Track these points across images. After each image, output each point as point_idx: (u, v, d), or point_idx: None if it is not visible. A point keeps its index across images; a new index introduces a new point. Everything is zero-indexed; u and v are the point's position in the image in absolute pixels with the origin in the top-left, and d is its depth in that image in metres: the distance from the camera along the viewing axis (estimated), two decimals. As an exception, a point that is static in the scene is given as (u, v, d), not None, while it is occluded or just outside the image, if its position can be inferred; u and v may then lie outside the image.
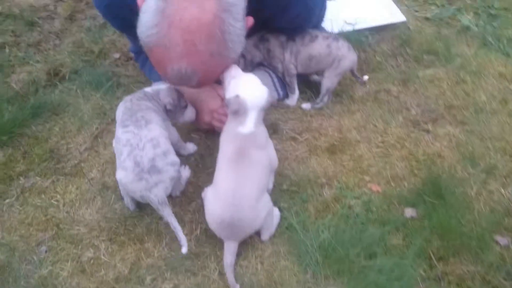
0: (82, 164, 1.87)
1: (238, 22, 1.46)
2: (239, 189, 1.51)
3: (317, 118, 2.05)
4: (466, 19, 2.64)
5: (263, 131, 1.65)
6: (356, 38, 2.45)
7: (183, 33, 1.40)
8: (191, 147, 1.90)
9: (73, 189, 1.79)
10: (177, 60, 1.45)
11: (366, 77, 2.19)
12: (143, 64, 2.19)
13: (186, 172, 1.80)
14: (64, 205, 1.74)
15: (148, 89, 1.77)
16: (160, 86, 1.79)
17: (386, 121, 2.03)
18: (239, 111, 1.56)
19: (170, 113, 1.76)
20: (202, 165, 1.85)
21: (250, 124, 1.58)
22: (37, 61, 2.35)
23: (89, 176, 1.83)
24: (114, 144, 1.69)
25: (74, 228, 1.68)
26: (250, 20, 1.57)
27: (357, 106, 2.13)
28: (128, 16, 1.71)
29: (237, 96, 1.57)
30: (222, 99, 1.86)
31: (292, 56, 2.01)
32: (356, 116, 2.07)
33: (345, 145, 1.92)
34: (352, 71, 2.10)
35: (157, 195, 1.55)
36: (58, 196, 1.77)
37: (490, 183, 1.75)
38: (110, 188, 1.77)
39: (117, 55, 2.39)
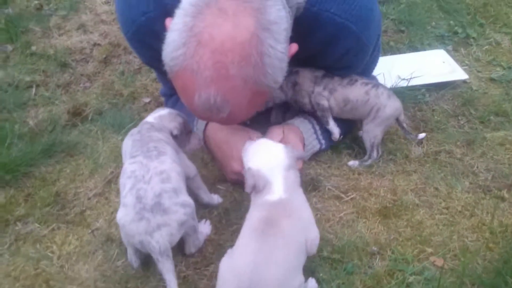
0: (88, 212, 1.62)
1: (280, 44, 1.22)
2: (260, 268, 1.18)
3: (366, 176, 1.75)
4: (539, 80, 2.33)
5: (299, 196, 1.35)
6: (411, 95, 2.19)
7: (213, 54, 1.17)
8: (215, 198, 1.62)
9: (73, 239, 1.53)
10: (206, 87, 1.20)
11: (422, 135, 1.92)
12: (172, 108, 1.97)
13: (206, 228, 1.50)
14: (59, 258, 1.47)
15: (150, 119, 1.53)
16: (161, 112, 1.56)
17: (450, 185, 1.71)
18: (259, 184, 1.30)
19: (176, 140, 1.50)
20: (226, 221, 1.56)
21: (278, 189, 1.30)
22: (63, 101, 2.18)
23: (93, 226, 1.57)
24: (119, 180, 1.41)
25: (66, 286, 1.38)
26: (294, 47, 1.33)
27: (413, 167, 1.82)
28: (155, 45, 1.52)
29: (249, 169, 1.31)
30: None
31: (325, 91, 1.75)
32: (413, 177, 1.76)
33: (401, 208, 1.59)
34: (399, 123, 1.83)
35: (159, 241, 1.24)
36: (55, 247, 1.51)
37: None
38: (115, 241, 1.50)
39: (147, 100, 2.20)
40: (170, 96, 1.95)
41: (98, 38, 2.63)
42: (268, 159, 1.36)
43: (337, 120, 1.80)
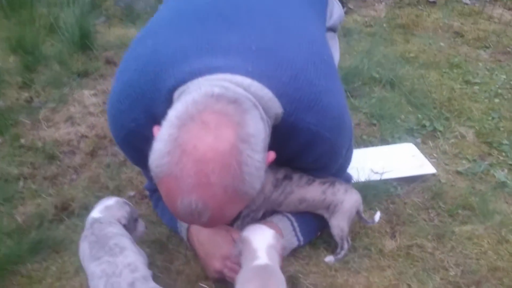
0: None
1: (257, 154, 1.34)
2: None
3: (342, 272, 1.84)
4: (501, 174, 2.50)
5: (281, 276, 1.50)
6: (384, 188, 2.32)
7: (196, 163, 1.28)
8: None
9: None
10: (188, 193, 1.30)
11: (377, 217, 2.01)
12: (156, 204, 2.07)
13: None
14: None
15: (97, 214, 1.65)
16: (107, 203, 1.69)
17: (422, 281, 1.80)
18: (244, 250, 1.51)
19: (126, 229, 1.63)
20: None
21: (263, 256, 1.49)
22: (49, 195, 2.26)
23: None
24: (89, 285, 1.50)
25: None
26: (272, 155, 1.46)
27: (387, 262, 1.91)
28: (145, 148, 1.63)
29: (241, 236, 1.55)
30: (236, 244, 1.69)
31: (281, 195, 1.85)
32: (387, 273, 1.85)
33: (376, 307, 1.66)
34: (359, 215, 1.95)
35: None
36: None
37: None
38: None
39: (132, 193, 2.29)
40: (154, 191, 2.03)
41: (85, 130, 2.74)
42: (258, 232, 1.59)
43: (316, 216, 1.91)
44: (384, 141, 2.75)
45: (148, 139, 1.61)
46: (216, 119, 1.32)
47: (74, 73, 3.18)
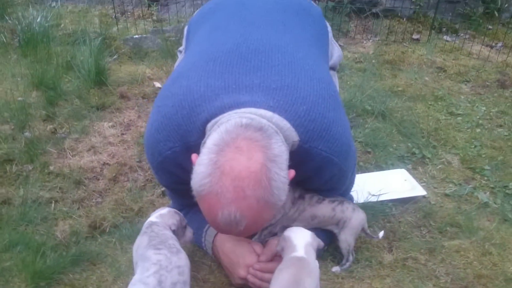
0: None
1: (283, 171, 1.63)
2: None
3: (348, 280, 2.09)
4: (484, 196, 2.79)
5: (316, 267, 1.78)
6: (380, 209, 2.59)
7: (233, 180, 1.56)
8: None
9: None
10: (227, 205, 1.58)
11: (381, 234, 2.27)
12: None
13: None
14: None
15: (154, 219, 1.92)
16: (161, 211, 1.95)
17: (417, 287, 2.05)
18: (285, 246, 1.79)
19: (175, 234, 1.88)
20: (235, 321, 1.84)
21: (301, 250, 1.77)
22: (80, 216, 2.49)
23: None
24: (135, 263, 1.78)
25: None
26: (292, 173, 1.73)
27: (386, 271, 2.17)
28: (178, 173, 1.90)
29: (283, 235, 1.83)
30: (258, 255, 1.94)
31: (296, 213, 2.11)
32: (387, 281, 2.10)
33: (380, 309, 1.92)
34: (364, 231, 2.20)
35: None
36: None
37: None
38: None
39: (155, 214, 2.52)
40: (179, 211, 2.28)
41: (106, 158, 3.00)
42: (298, 231, 1.87)
43: (323, 232, 2.17)
44: (378, 167, 3.04)
45: (180, 165, 1.90)
46: (247, 144, 1.61)
47: (92, 106, 3.45)
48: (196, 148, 1.80)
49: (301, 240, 1.84)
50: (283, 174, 1.63)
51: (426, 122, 3.55)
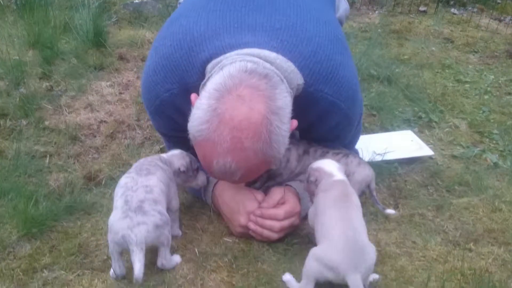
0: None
1: (284, 125, 1.54)
2: (355, 221, 1.63)
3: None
4: (494, 157, 2.70)
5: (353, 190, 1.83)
6: (385, 167, 2.51)
7: (232, 130, 1.49)
8: (180, 233, 1.94)
9: (99, 283, 1.70)
10: (223, 155, 1.51)
11: (390, 211, 2.12)
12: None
13: (177, 257, 1.79)
14: (87, 297, 1.63)
15: (163, 155, 1.92)
16: (174, 152, 1.91)
17: (425, 239, 1.98)
18: (320, 176, 1.79)
19: (184, 176, 1.89)
20: (236, 266, 1.77)
21: (339, 175, 1.79)
22: (75, 170, 2.40)
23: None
24: None
25: (96, 321, 1.55)
26: (295, 123, 1.64)
27: (393, 226, 2.09)
28: (176, 118, 1.82)
29: (316, 167, 1.83)
30: (259, 202, 1.86)
31: (302, 168, 2.03)
32: (393, 234, 2.03)
33: (385, 257, 1.84)
34: (370, 191, 2.08)
35: (137, 235, 1.55)
36: (82, 288, 1.67)
37: (547, 299, 1.63)
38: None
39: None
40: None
41: (104, 116, 2.91)
42: (326, 162, 1.88)
43: None
44: (384, 129, 2.95)
45: (178, 109, 1.81)
46: (250, 93, 1.52)
47: (90, 66, 3.36)
48: (194, 90, 1.72)
49: (332, 167, 1.83)
50: (284, 128, 1.55)
51: (433, 88, 3.45)
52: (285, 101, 1.57)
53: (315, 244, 1.66)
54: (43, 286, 1.69)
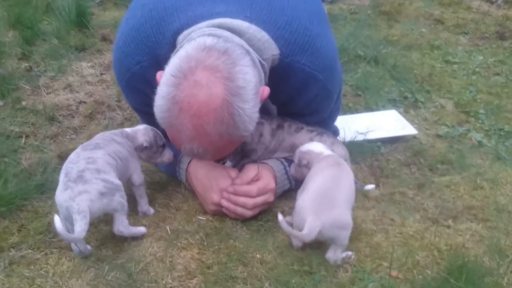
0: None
1: (248, 103, 1.49)
2: (338, 182, 1.70)
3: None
4: (478, 135, 2.67)
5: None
6: (368, 147, 2.47)
7: (192, 118, 1.45)
8: (151, 210, 1.90)
9: (66, 261, 1.66)
10: (189, 142, 1.49)
11: (370, 186, 2.08)
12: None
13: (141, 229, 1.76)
14: (53, 275, 1.60)
15: (127, 129, 1.89)
16: (139, 127, 1.89)
17: (404, 217, 1.94)
18: (311, 158, 1.82)
19: (148, 152, 1.86)
20: (207, 243, 1.73)
21: (328, 152, 1.85)
22: (51, 150, 2.36)
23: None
24: None
25: (61, 299, 1.51)
26: (266, 90, 1.59)
27: (372, 204, 2.05)
28: (147, 91, 1.76)
29: (305, 150, 1.86)
30: (233, 179, 1.82)
31: (276, 144, 1.99)
32: (371, 212, 1.99)
33: (361, 233, 1.81)
34: None
35: (79, 203, 1.51)
36: (49, 267, 1.64)
37: (523, 274, 1.60)
38: (106, 260, 1.64)
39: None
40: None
41: (83, 96, 2.85)
42: (313, 144, 1.90)
43: None
44: (368, 109, 2.91)
45: (149, 82, 1.76)
46: (206, 77, 1.45)
47: (72, 47, 3.30)
48: (165, 62, 1.66)
49: (320, 147, 1.86)
50: (248, 106, 1.49)
51: (420, 69, 3.41)
52: (246, 77, 1.49)
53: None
54: (9, 265, 1.65)
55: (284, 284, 1.52)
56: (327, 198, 1.62)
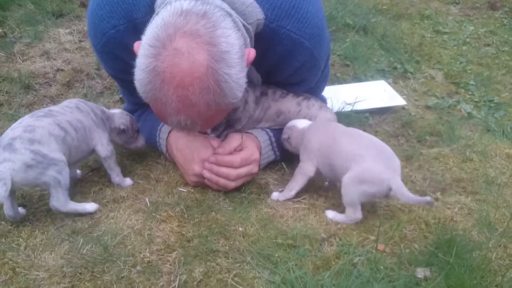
0: (53, 212, 1.67)
1: (233, 68, 1.39)
2: (360, 133, 1.78)
3: (316, 181, 1.90)
4: (468, 107, 2.61)
5: None
6: (356, 118, 2.40)
7: (176, 89, 1.35)
8: (126, 181, 1.83)
9: (39, 234, 1.58)
10: (175, 114, 1.40)
11: None
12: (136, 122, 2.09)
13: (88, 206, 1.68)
14: (25, 248, 1.52)
15: (103, 108, 1.85)
16: (115, 110, 1.87)
17: (391, 189, 1.87)
18: (293, 133, 1.82)
19: (124, 136, 1.83)
20: (188, 216, 1.66)
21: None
22: (26, 119, 2.25)
23: (58, 224, 1.62)
24: None
25: (33, 273, 1.44)
26: (252, 53, 1.50)
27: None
28: (124, 57, 1.67)
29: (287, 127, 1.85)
30: (215, 149, 1.75)
31: (261, 112, 1.92)
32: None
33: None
34: None
35: (1, 170, 1.46)
36: (21, 239, 1.56)
37: (511, 248, 1.55)
38: (81, 233, 1.57)
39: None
40: (133, 112, 2.06)
41: (61, 64, 2.74)
42: (301, 120, 1.88)
43: None
44: (357, 79, 2.83)
45: (127, 47, 1.65)
46: (187, 43, 1.34)
47: (49, 12, 3.16)
48: (142, 26, 1.55)
49: (305, 123, 1.85)
50: (234, 71, 1.39)
51: (410, 38, 3.32)
52: (229, 40, 1.39)
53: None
54: (-20, 238, 1.57)
55: (267, 257, 1.46)
56: (385, 154, 1.67)
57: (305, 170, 1.75)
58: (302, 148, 1.79)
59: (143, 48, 1.39)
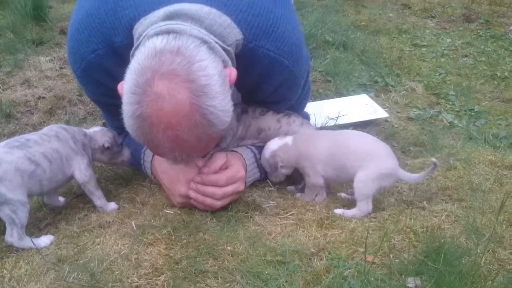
0: (41, 225, 1.66)
1: (217, 98, 1.40)
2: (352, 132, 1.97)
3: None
4: (449, 116, 2.64)
5: None
6: (340, 132, 2.40)
7: (165, 131, 1.38)
8: (110, 205, 1.81)
9: (24, 264, 1.55)
10: (170, 152, 1.44)
11: None
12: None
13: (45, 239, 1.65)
14: (10, 280, 1.48)
15: (86, 130, 1.83)
16: (95, 128, 1.86)
17: (378, 200, 1.88)
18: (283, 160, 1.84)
19: (109, 153, 1.82)
20: (175, 238, 1.64)
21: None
22: (8, 148, 2.22)
23: (43, 252, 1.59)
24: None
25: (18, 304, 1.40)
26: (233, 72, 1.51)
27: (344, 189, 1.99)
28: (104, 81, 1.67)
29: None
30: (199, 168, 1.74)
31: (243, 130, 1.93)
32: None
33: (335, 219, 1.74)
34: None
35: None
36: (5, 271, 1.52)
37: (500, 253, 1.56)
38: (66, 261, 1.54)
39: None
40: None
41: (42, 91, 2.73)
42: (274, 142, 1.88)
43: None
44: (339, 94, 2.86)
45: (107, 71, 1.66)
46: (166, 86, 1.35)
47: (28, 41, 3.16)
48: (122, 50, 1.57)
49: (284, 138, 1.88)
50: (218, 101, 1.40)
51: (389, 53, 3.38)
52: (208, 72, 1.39)
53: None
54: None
55: (257, 275, 1.45)
56: (386, 147, 1.81)
57: (317, 183, 1.84)
58: (303, 161, 1.82)
59: (126, 95, 1.41)
